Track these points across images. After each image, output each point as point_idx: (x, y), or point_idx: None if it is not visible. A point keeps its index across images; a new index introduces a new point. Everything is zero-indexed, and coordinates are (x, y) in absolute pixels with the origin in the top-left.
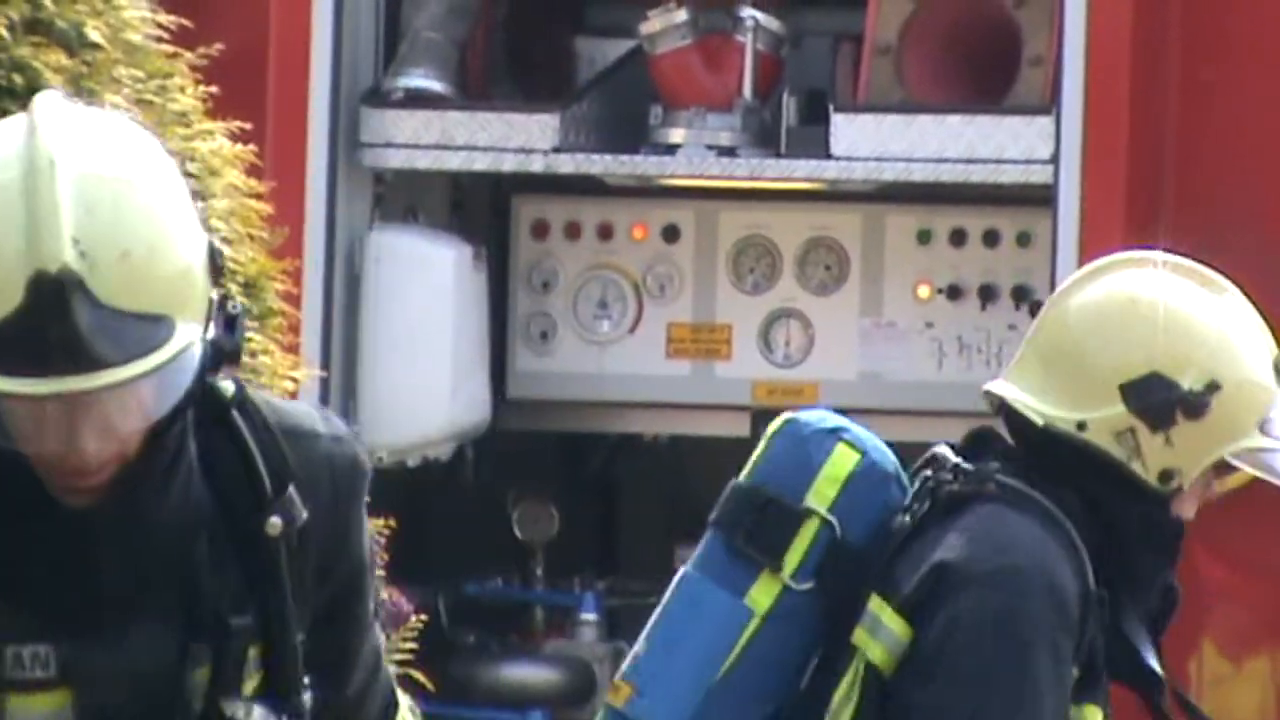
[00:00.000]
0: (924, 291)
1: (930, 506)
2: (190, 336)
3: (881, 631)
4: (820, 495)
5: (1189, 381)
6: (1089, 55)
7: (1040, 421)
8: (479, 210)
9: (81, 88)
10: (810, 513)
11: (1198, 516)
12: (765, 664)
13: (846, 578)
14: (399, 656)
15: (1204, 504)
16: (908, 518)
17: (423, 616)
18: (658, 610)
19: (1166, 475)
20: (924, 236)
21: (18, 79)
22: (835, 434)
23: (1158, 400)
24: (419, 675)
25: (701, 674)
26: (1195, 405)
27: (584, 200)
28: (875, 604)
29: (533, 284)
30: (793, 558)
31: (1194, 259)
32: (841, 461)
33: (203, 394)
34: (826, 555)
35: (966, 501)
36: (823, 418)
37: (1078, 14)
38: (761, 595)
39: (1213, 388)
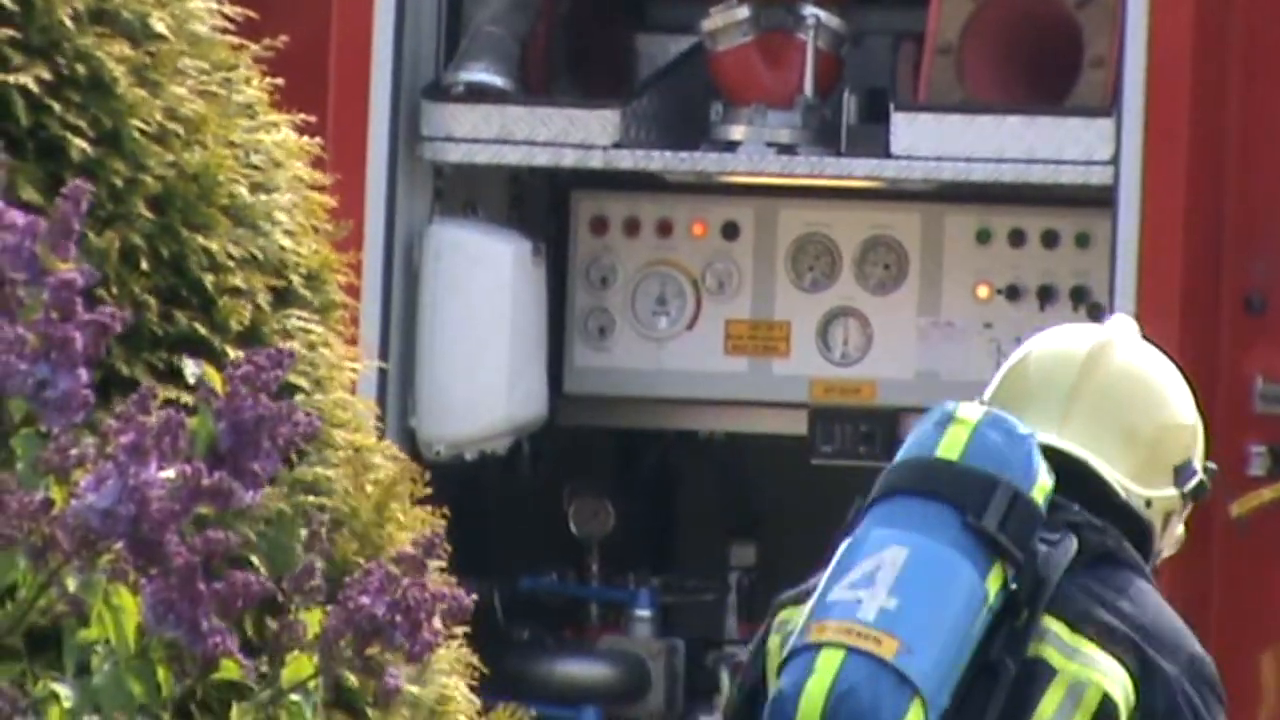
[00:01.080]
0: (983, 291)
1: (1079, 551)
2: None
3: (1099, 663)
4: (1041, 498)
5: (1198, 463)
6: (1150, 56)
7: (1124, 497)
8: (538, 205)
9: (145, 79)
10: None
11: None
12: (968, 652)
13: (1032, 591)
14: (456, 644)
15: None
16: (1046, 548)
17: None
18: (883, 566)
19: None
20: (983, 236)
21: (80, 69)
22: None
23: (1193, 484)
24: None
25: (960, 648)
26: (1201, 487)
27: (643, 196)
28: (1064, 629)
29: (591, 280)
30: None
31: (1255, 260)
32: (1048, 475)
33: None
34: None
35: (1109, 557)
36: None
37: (1139, 15)
38: (992, 584)
39: (1207, 470)
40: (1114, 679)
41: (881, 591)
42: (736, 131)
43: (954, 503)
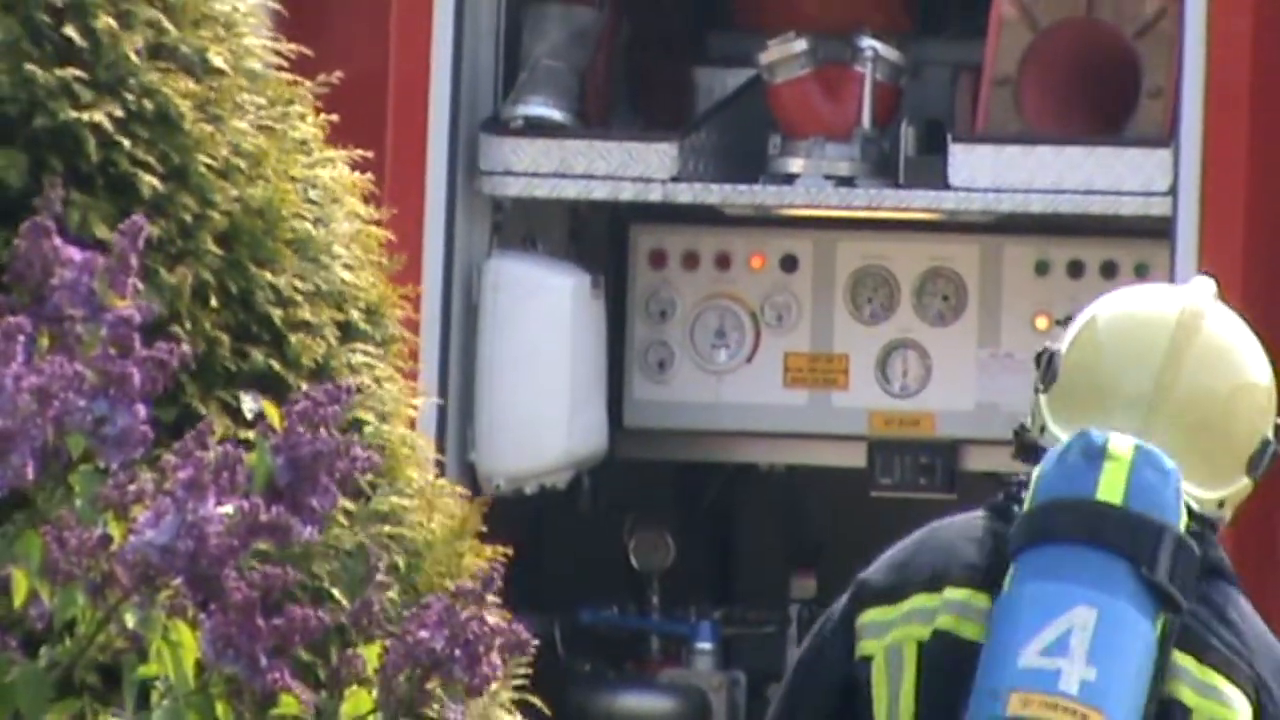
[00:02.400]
0: (1042, 323)
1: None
2: None
3: (1231, 700)
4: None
5: (1271, 434)
6: (1208, 87)
7: (1198, 507)
8: (597, 239)
9: (209, 114)
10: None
11: None
12: None
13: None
14: (516, 683)
15: None
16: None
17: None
18: (1074, 629)
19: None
20: (1042, 268)
21: (147, 104)
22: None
23: (1266, 464)
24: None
25: (1145, 707)
26: (1274, 458)
27: (702, 229)
28: (1193, 665)
29: (650, 313)
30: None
31: None
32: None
33: None
34: None
35: (1216, 574)
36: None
37: (1197, 46)
38: (1156, 630)
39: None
40: (1244, 714)
41: (1080, 660)
42: (795, 164)
43: (1126, 554)
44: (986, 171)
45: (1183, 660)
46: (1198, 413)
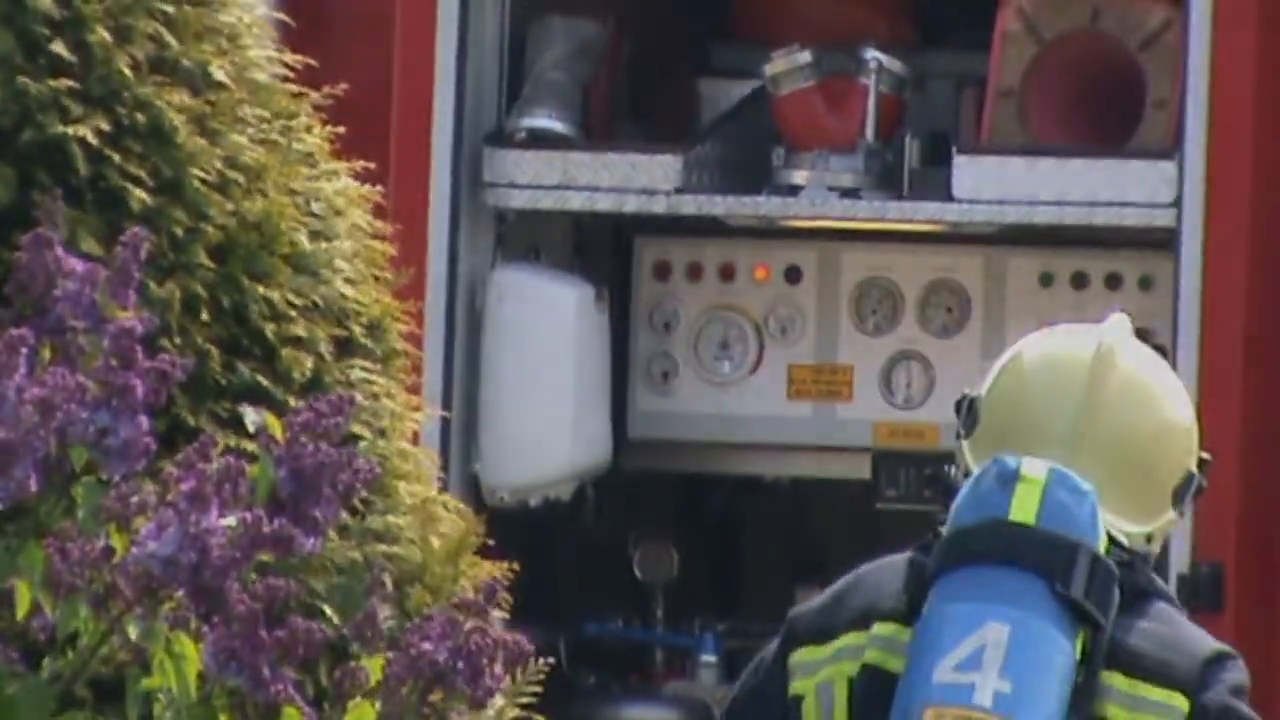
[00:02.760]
0: None
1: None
2: None
3: (1161, 710)
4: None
5: (1194, 466)
6: (1212, 99)
7: (1127, 543)
8: (601, 250)
9: (205, 127)
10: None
11: None
12: None
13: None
14: (522, 700)
15: None
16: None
17: (546, 659)
18: (987, 645)
19: None
20: (1046, 279)
21: (140, 118)
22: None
23: (1190, 496)
24: (540, 718)
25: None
26: (1199, 490)
27: (706, 241)
28: (1121, 681)
29: (654, 324)
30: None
31: None
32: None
33: None
34: None
35: (1147, 596)
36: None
37: (1201, 57)
38: (1077, 650)
39: (1202, 465)
40: (1178, 716)
41: (992, 674)
42: (799, 176)
43: (1040, 571)
44: (991, 183)
45: (1110, 679)
46: (1120, 450)
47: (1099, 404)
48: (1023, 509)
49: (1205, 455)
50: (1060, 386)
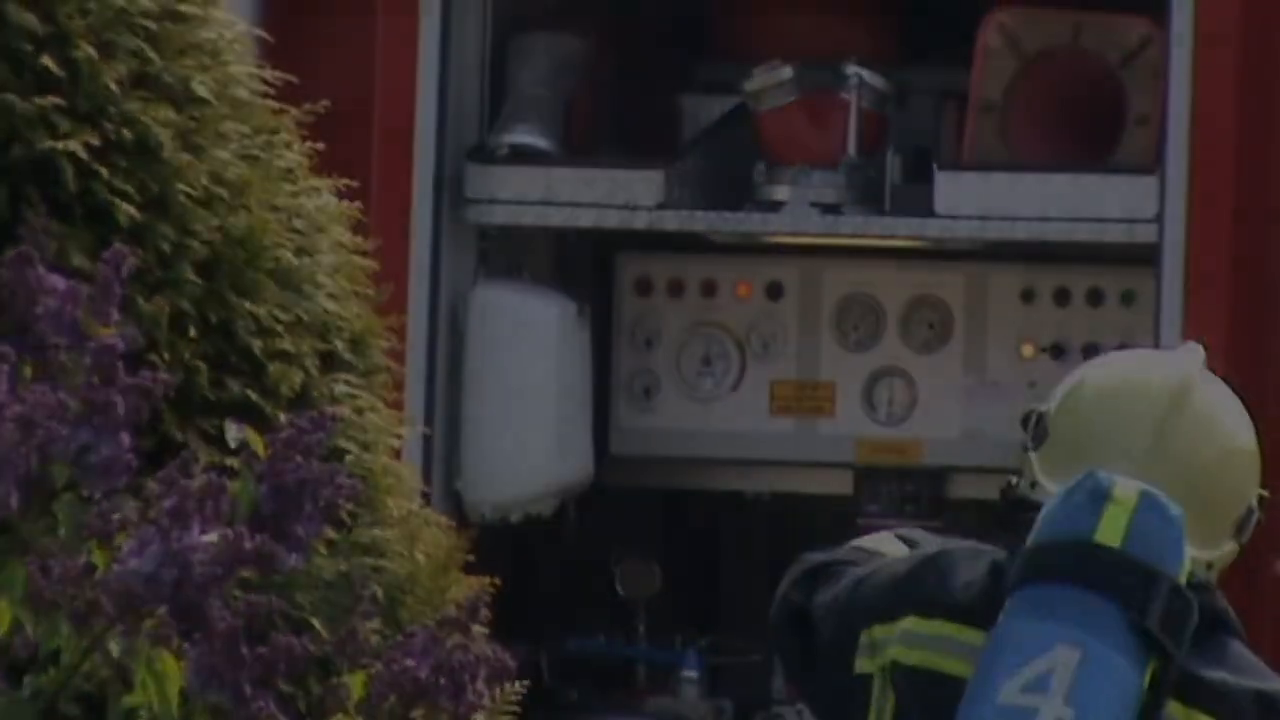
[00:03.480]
0: (1028, 350)
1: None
2: None
3: None
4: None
5: (1256, 502)
6: (1194, 114)
7: (1190, 568)
8: (583, 267)
9: (190, 143)
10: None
11: None
12: None
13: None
14: (504, 716)
15: None
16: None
17: (528, 675)
18: (1055, 669)
19: None
20: (1028, 295)
21: (127, 133)
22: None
23: (1249, 529)
24: None
25: None
26: (1258, 523)
27: (688, 257)
28: (1179, 710)
29: (636, 341)
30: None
31: None
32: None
33: None
34: None
35: (1217, 626)
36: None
37: (1183, 73)
38: (1145, 677)
39: (1261, 500)
40: None
41: (1058, 700)
42: (780, 192)
43: (1118, 598)
44: (972, 199)
45: (1172, 708)
46: (1188, 478)
47: (1172, 433)
48: (1110, 531)
49: (1263, 493)
50: (1134, 413)
